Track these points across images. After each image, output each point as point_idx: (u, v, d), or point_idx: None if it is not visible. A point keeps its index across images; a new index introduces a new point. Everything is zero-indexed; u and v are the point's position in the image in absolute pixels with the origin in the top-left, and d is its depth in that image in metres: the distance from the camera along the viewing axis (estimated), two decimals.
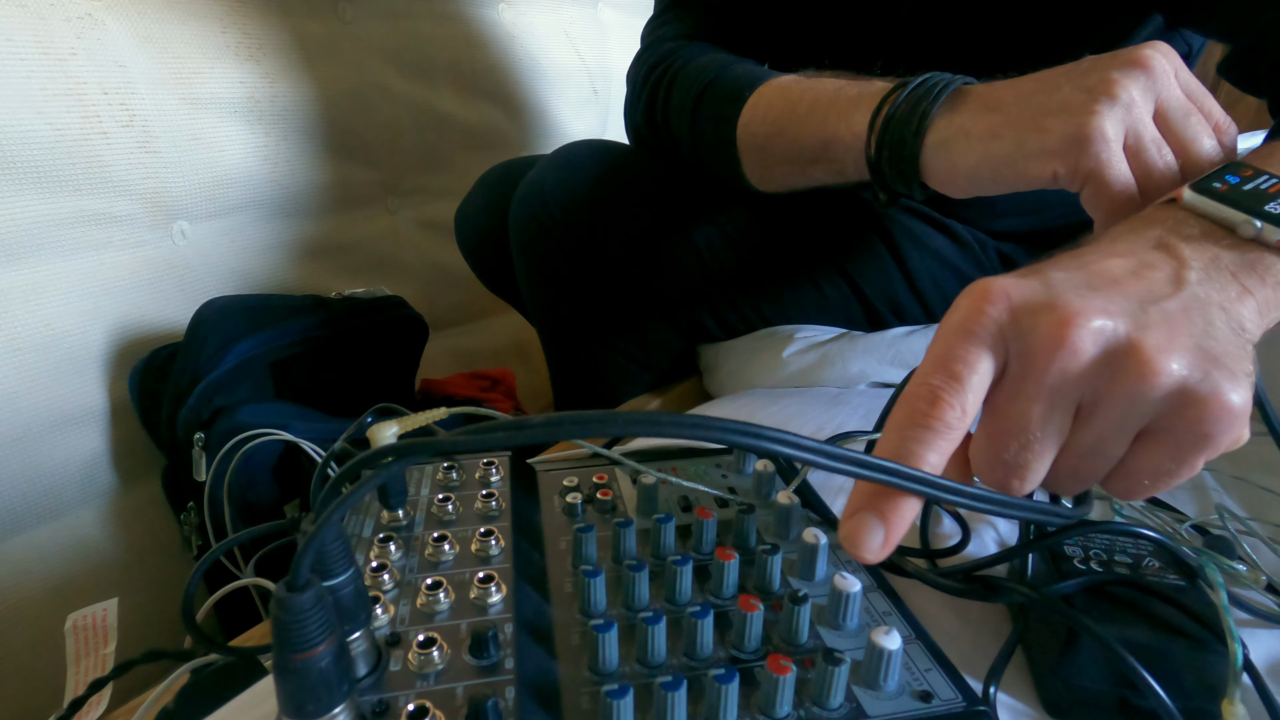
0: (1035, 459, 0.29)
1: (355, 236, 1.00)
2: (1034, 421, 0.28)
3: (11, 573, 0.71)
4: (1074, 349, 0.27)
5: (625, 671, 0.31)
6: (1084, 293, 0.28)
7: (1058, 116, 0.38)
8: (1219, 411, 0.27)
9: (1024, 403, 0.28)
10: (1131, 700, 0.32)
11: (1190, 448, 0.28)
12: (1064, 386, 0.27)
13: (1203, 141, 0.38)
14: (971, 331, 0.28)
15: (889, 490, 0.28)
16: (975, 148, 0.41)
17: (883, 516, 0.28)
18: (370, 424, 0.43)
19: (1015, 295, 0.28)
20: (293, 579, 0.24)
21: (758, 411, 0.67)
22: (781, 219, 0.72)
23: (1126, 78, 0.37)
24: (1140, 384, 0.27)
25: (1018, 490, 0.29)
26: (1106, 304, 0.28)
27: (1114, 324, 0.28)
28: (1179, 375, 0.27)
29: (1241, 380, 0.27)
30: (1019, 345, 0.28)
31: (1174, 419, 0.27)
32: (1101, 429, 0.28)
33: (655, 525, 0.38)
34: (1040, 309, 0.28)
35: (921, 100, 0.44)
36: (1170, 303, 0.29)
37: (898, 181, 0.47)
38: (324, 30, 0.92)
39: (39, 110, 0.67)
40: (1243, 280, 0.30)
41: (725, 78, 0.61)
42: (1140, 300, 0.29)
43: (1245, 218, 0.31)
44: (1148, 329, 0.27)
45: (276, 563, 0.52)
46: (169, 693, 0.39)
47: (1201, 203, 0.33)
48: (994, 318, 0.28)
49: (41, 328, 0.70)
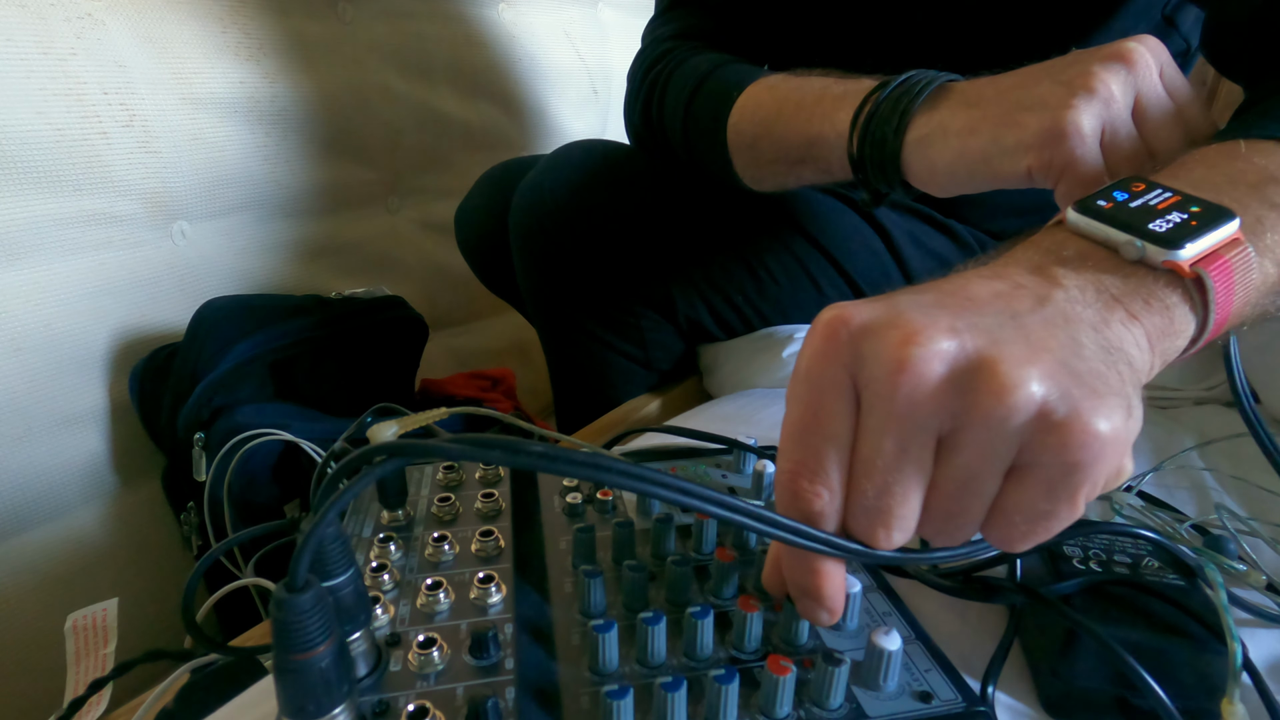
0: (897, 503, 0.25)
1: (355, 236, 1.00)
2: (887, 458, 0.25)
3: (11, 572, 0.71)
4: (917, 371, 0.24)
5: (625, 672, 0.31)
6: (931, 311, 0.25)
7: (1034, 111, 0.37)
8: (1081, 437, 0.23)
9: (874, 438, 0.25)
10: (1131, 700, 0.33)
11: (1061, 482, 0.24)
12: (914, 414, 0.24)
13: (1178, 139, 0.37)
14: (818, 379, 0.26)
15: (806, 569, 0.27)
16: (952, 144, 0.41)
17: (811, 595, 0.27)
18: (370, 424, 0.43)
19: (855, 321, 0.26)
20: (292, 579, 0.24)
21: (757, 412, 0.67)
22: (781, 219, 0.72)
23: (1106, 71, 0.37)
24: (995, 405, 0.23)
25: (885, 542, 0.26)
26: (954, 320, 0.25)
27: (961, 341, 0.24)
28: (1037, 395, 0.23)
29: (1110, 403, 0.24)
30: (862, 375, 0.25)
31: (1038, 449, 0.24)
32: (965, 462, 0.25)
33: (655, 525, 0.38)
34: (880, 331, 0.25)
35: (903, 98, 0.44)
36: (1030, 317, 0.26)
37: (880, 180, 0.47)
38: (324, 30, 0.92)
39: (39, 110, 0.67)
40: (1128, 306, 0.27)
41: (717, 77, 0.61)
42: (997, 315, 0.26)
43: (1127, 238, 0.28)
44: (1002, 344, 0.24)
45: (276, 563, 0.52)
46: (169, 693, 0.39)
47: (1084, 223, 0.30)
48: (836, 353, 0.26)
49: (42, 328, 0.70)
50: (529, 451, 0.23)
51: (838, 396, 0.26)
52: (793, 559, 0.28)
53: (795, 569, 0.28)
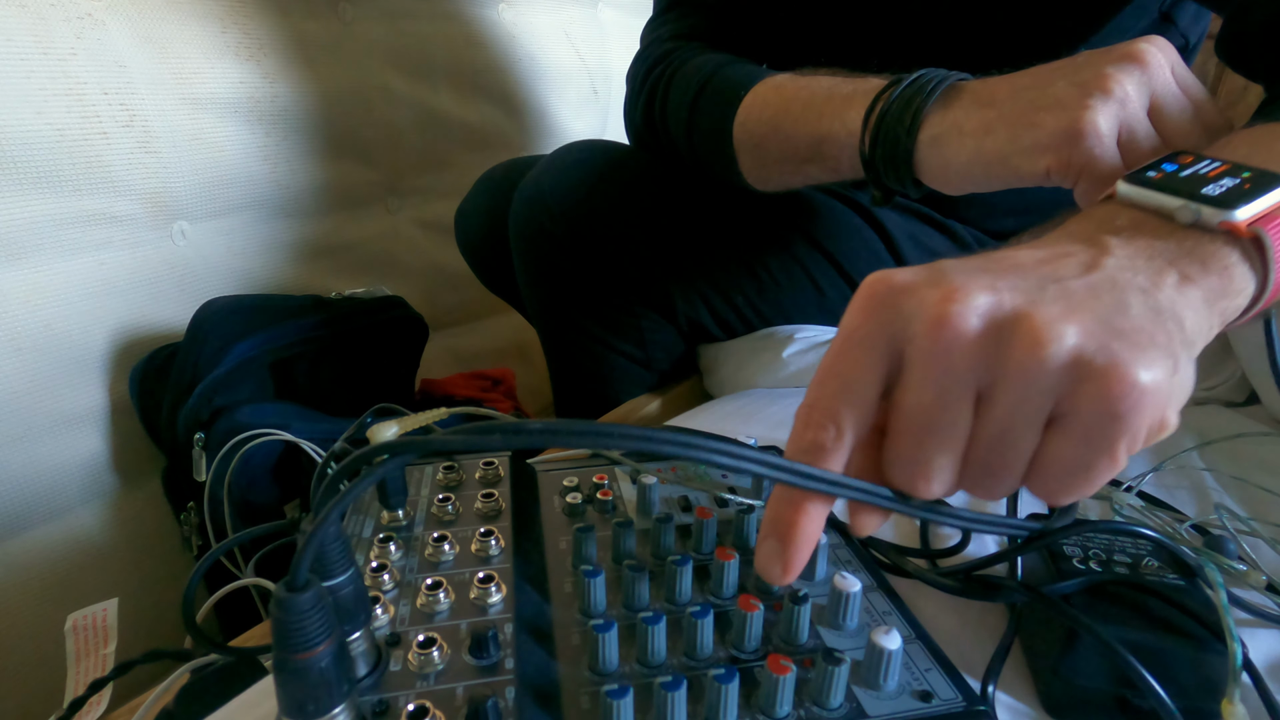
0: (935, 454, 0.26)
1: (355, 236, 1.00)
2: (927, 411, 0.26)
3: (11, 572, 0.71)
4: (955, 325, 0.25)
5: (625, 671, 0.31)
6: (972, 273, 0.26)
7: (1051, 111, 0.38)
8: (1119, 387, 0.24)
9: (914, 392, 0.26)
10: (1131, 700, 0.32)
11: (1100, 432, 0.24)
12: (952, 368, 0.25)
13: (1196, 135, 0.37)
14: (853, 333, 0.27)
15: (788, 501, 0.27)
16: (968, 143, 0.41)
17: (782, 529, 0.27)
18: (370, 424, 0.43)
19: (898, 281, 0.27)
20: (292, 579, 0.24)
21: (757, 412, 0.67)
22: (781, 219, 0.72)
23: (1121, 72, 0.37)
24: (1030, 356, 0.24)
25: (925, 491, 0.27)
26: (995, 280, 0.26)
27: (1000, 298, 0.25)
28: (1072, 344, 0.24)
29: (1151, 355, 0.24)
30: (903, 331, 0.26)
31: (1076, 399, 0.24)
32: (1003, 415, 0.25)
33: (655, 525, 0.38)
34: (921, 290, 0.26)
35: (915, 97, 0.44)
36: (1074, 282, 0.26)
37: (892, 179, 0.47)
38: (324, 30, 0.92)
39: (39, 110, 0.67)
40: (1183, 268, 0.28)
41: (722, 77, 0.61)
42: (1039, 280, 0.26)
43: (1181, 203, 0.29)
44: (1040, 303, 0.25)
45: (276, 563, 0.52)
46: (169, 693, 0.39)
47: (1135, 193, 0.31)
48: (877, 310, 0.27)
49: (42, 328, 0.70)
50: (530, 430, 0.22)
51: (868, 350, 0.27)
52: (781, 492, 0.28)
53: (779, 500, 0.28)
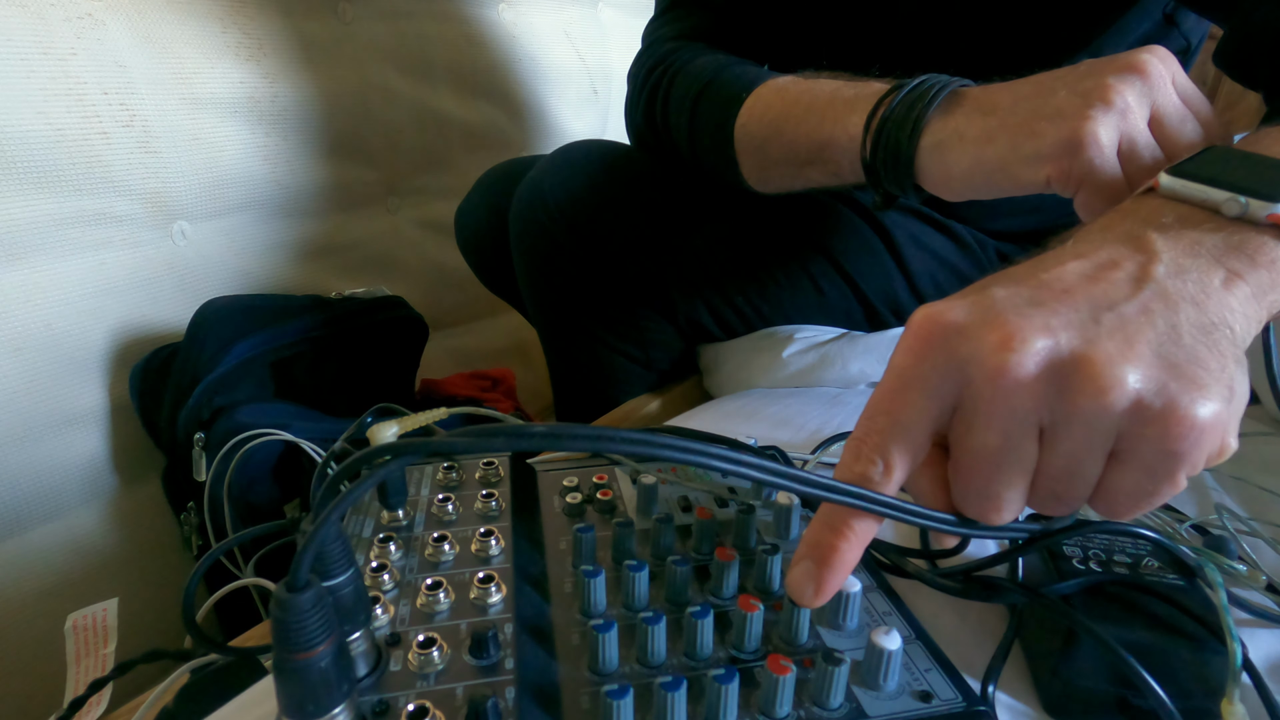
0: (1005, 488, 0.27)
1: (355, 236, 1.00)
2: (992, 452, 0.26)
3: (11, 573, 0.71)
4: (1015, 376, 0.25)
5: (625, 671, 0.31)
6: (1025, 310, 0.26)
7: (1051, 121, 0.38)
8: (1178, 428, 0.24)
9: (979, 435, 0.26)
10: (1131, 700, 0.33)
11: (1162, 467, 0.25)
12: (1015, 414, 0.26)
13: (1197, 146, 0.37)
14: (905, 372, 0.27)
15: (831, 527, 0.28)
16: (969, 151, 0.41)
17: (822, 553, 0.27)
18: (370, 424, 0.43)
19: (950, 321, 0.27)
20: (292, 579, 0.24)
21: (757, 412, 0.67)
22: (781, 219, 0.72)
23: (1122, 83, 0.37)
24: (1094, 403, 0.25)
25: (997, 521, 0.28)
26: (1049, 319, 0.26)
27: (1057, 340, 0.26)
28: (1134, 389, 0.25)
29: (1209, 388, 0.25)
30: (958, 375, 0.26)
31: (1136, 440, 0.25)
32: (1068, 451, 0.26)
33: (655, 525, 0.38)
34: (976, 333, 0.26)
35: (917, 103, 0.44)
36: (1127, 306, 0.27)
37: (892, 184, 0.47)
38: (324, 30, 0.92)
39: (39, 110, 0.67)
40: (1229, 264, 0.28)
41: (723, 79, 0.61)
42: (1092, 308, 0.27)
43: (1228, 195, 0.29)
44: (1098, 341, 0.25)
45: (276, 563, 0.52)
46: (169, 693, 0.39)
47: (1180, 186, 0.30)
48: (930, 353, 0.27)
49: (42, 328, 0.70)
50: (533, 434, 0.22)
51: (921, 393, 0.27)
52: (829, 511, 0.28)
53: (822, 524, 0.28)
